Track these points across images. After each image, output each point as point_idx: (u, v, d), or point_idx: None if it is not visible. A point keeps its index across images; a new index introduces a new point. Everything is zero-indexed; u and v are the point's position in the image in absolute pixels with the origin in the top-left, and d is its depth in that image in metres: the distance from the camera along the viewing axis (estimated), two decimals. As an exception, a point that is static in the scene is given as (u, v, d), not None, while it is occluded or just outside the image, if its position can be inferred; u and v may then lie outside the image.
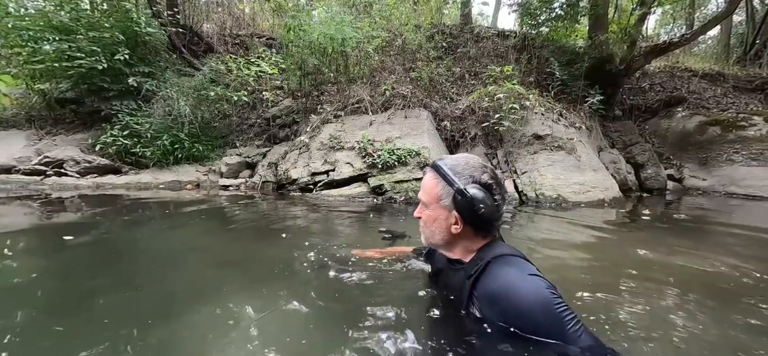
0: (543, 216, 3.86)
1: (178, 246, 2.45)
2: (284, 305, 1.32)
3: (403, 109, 5.60)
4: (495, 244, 1.06)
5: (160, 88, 6.10)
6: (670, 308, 1.47)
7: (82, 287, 1.61)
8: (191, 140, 6.05)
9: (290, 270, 1.78)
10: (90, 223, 2.98)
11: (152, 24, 6.55)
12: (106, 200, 4.22)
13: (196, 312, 1.30)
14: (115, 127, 5.85)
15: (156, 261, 2.07)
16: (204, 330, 1.18)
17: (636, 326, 1.26)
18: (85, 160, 5.58)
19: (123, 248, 2.32)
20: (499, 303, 0.91)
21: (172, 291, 1.58)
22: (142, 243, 2.46)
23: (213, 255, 2.18)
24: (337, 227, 3.04)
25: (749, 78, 9.03)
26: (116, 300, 1.44)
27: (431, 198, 1.08)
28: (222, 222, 3.27)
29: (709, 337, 1.23)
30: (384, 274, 1.58)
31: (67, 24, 5.84)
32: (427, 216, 1.11)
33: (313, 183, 4.85)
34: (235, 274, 1.80)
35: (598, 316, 1.31)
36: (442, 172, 1.05)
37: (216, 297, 1.42)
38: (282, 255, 2.09)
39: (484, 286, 0.96)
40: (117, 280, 1.69)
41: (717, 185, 6.74)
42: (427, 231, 1.13)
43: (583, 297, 1.50)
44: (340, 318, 1.23)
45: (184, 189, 5.29)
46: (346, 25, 5.58)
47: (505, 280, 0.92)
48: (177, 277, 1.77)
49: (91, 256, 2.09)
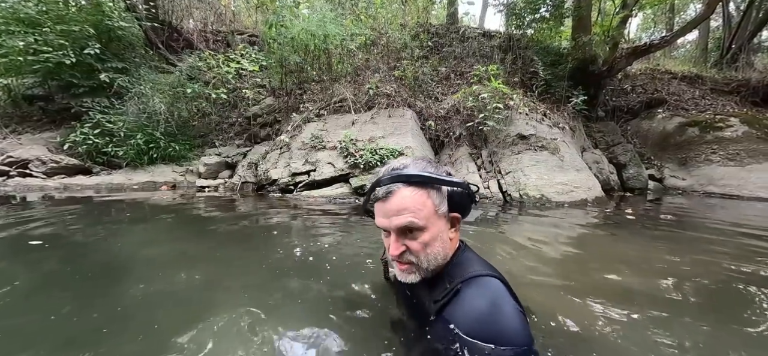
0: (527, 216, 3.82)
1: (146, 250, 2.29)
2: (256, 310, 1.26)
3: (387, 108, 5.51)
4: (462, 257, 0.94)
5: (133, 85, 5.84)
6: (650, 307, 1.46)
7: (42, 298, 1.47)
8: (167, 139, 5.82)
9: (263, 275, 1.70)
10: (54, 227, 2.77)
11: (126, 18, 6.27)
12: (74, 202, 3.98)
13: (165, 322, 1.23)
14: (85, 125, 5.58)
15: (122, 267, 1.91)
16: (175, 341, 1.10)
17: (616, 325, 1.26)
18: (53, 159, 5.29)
19: (85, 252, 2.15)
20: (467, 332, 0.79)
21: (141, 300, 1.45)
22: (107, 247, 2.28)
23: (174, 261, 2.04)
24: (316, 231, 2.91)
25: (726, 81, 9.29)
26: (79, 308, 1.34)
27: (427, 215, 0.86)
28: (194, 226, 3.11)
29: (690, 335, 1.24)
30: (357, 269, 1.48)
31: (34, 17, 5.54)
32: (425, 240, 0.87)
33: (293, 184, 4.71)
34: (204, 279, 1.68)
35: (582, 317, 1.29)
36: (423, 177, 0.86)
37: (185, 308, 1.34)
38: (253, 260, 1.97)
39: (460, 317, 0.82)
40: (83, 288, 1.56)
41: (696, 185, 6.87)
42: (428, 257, 0.88)
43: (566, 298, 1.49)
44: (314, 322, 1.17)
45: (159, 191, 5.07)
46: (329, 21, 5.45)
47: (490, 319, 0.78)
48: (147, 284, 1.64)
49: (53, 262, 1.92)
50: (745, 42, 10.75)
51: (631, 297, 1.59)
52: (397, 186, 0.86)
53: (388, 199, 0.86)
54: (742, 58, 10.22)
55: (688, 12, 17.90)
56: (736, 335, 1.27)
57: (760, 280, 1.83)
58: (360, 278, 1.56)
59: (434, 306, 0.87)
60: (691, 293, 1.65)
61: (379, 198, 0.89)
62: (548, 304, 1.40)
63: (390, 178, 0.86)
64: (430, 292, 0.93)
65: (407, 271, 0.91)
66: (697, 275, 1.93)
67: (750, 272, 1.96)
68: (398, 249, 0.87)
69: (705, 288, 1.76)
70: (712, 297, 1.65)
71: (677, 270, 2.02)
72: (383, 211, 0.88)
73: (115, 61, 6.05)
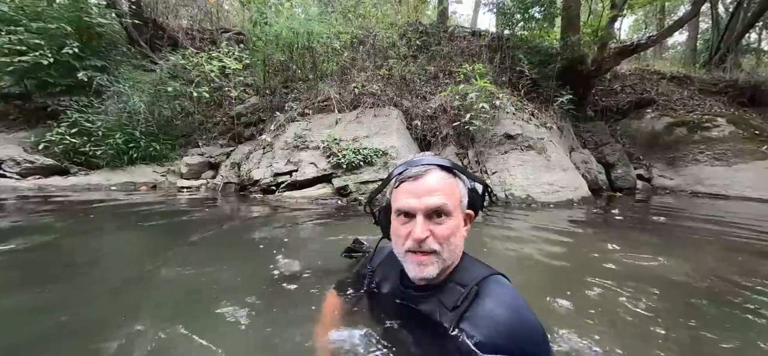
0: (511, 216, 3.76)
1: (114, 254, 2.19)
2: (239, 318, 1.22)
3: (372, 107, 5.43)
4: (466, 259, 0.94)
5: (113, 83, 5.69)
6: (628, 305, 1.47)
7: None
8: (148, 139, 5.67)
9: (235, 284, 1.62)
10: (25, 229, 2.64)
11: (106, 14, 6.11)
12: (48, 204, 3.83)
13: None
14: (62, 124, 5.40)
15: (85, 272, 1.81)
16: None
17: (598, 323, 1.28)
18: (27, 159, 5.12)
19: (55, 256, 2.03)
20: (503, 334, 0.77)
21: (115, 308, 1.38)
22: (76, 250, 2.18)
23: (146, 265, 1.93)
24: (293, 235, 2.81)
25: (714, 81, 9.35)
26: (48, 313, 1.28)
27: (455, 202, 0.86)
28: (170, 228, 2.98)
29: (670, 332, 1.26)
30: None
31: (9, 14, 5.36)
32: (451, 227, 0.85)
33: (275, 184, 4.60)
34: (177, 282, 1.63)
35: (565, 316, 1.32)
36: (454, 167, 0.90)
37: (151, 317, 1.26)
38: (230, 264, 1.89)
39: (483, 315, 0.80)
40: (52, 294, 1.47)
41: (683, 184, 6.88)
42: (450, 248, 0.86)
43: (549, 297, 1.48)
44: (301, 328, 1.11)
45: (138, 191, 4.93)
46: (313, 19, 5.35)
47: (513, 315, 0.79)
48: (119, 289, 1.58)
49: (23, 266, 1.81)
50: (733, 43, 10.84)
51: (610, 296, 1.57)
52: (431, 168, 0.86)
53: (420, 178, 0.85)
54: (730, 58, 10.30)
55: (678, 13, 18.11)
56: (716, 333, 1.28)
57: (735, 287, 1.80)
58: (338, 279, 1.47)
59: (453, 314, 0.82)
60: (673, 292, 1.67)
61: (409, 178, 0.86)
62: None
63: (425, 161, 0.88)
64: (439, 301, 0.87)
65: (427, 262, 0.85)
66: (677, 273, 1.93)
67: (730, 277, 1.93)
68: (425, 233, 0.83)
69: (686, 286, 1.76)
70: (691, 296, 1.65)
71: (659, 270, 2.01)
72: (413, 191, 0.85)
73: (95, 59, 5.88)
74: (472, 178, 0.93)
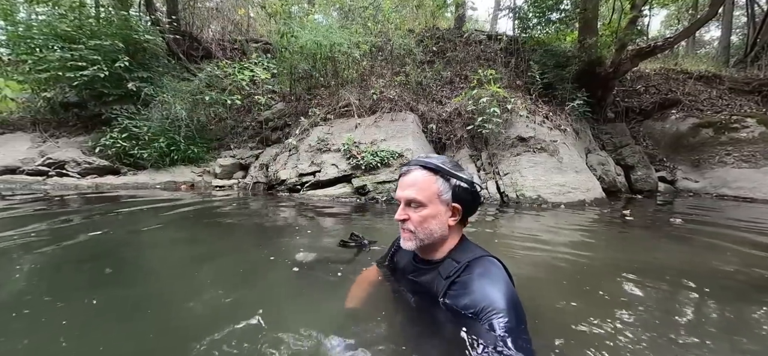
0: (521, 216, 3.94)
1: (168, 242, 2.60)
2: (263, 299, 1.46)
3: (390, 112, 5.74)
4: (466, 245, 1.14)
5: (157, 93, 6.34)
6: (633, 308, 1.47)
7: (75, 283, 1.68)
8: (187, 142, 6.27)
9: (268, 267, 1.92)
10: (87, 221, 3.15)
11: (151, 31, 6.80)
12: (104, 199, 4.42)
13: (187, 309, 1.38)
14: (114, 129, 6.10)
15: (147, 258, 2.19)
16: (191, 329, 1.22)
17: (591, 327, 1.28)
18: (86, 161, 5.83)
19: (114, 245, 2.43)
20: (472, 297, 0.97)
21: (161, 286, 1.70)
22: (134, 241, 2.56)
23: (196, 252, 2.32)
24: (318, 225, 3.17)
25: (746, 80, 8.96)
26: (110, 295, 1.51)
27: (430, 195, 1.07)
28: (212, 221, 3.42)
29: (675, 338, 1.24)
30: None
31: (70, 33, 6.12)
32: (424, 215, 1.07)
33: (300, 184, 5.01)
34: (215, 271, 1.85)
35: (554, 318, 1.36)
36: (437, 167, 1.08)
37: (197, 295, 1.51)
38: (261, 252, 2.21)
39: (464, 282, 1.01)
40: (111, 276, 1.75)
41: (709, 187, 6.72)
42: (424, 230, 1.08)
43: (540, 297, 1.53)
44: (320, 311, 1.37)
45: (179, 190, 5.49)
46: (334, 31, 5.75)
47: (490, 283, 0.98)
48: (164, 273, 1.93)
49: (84, 252, 2.18)
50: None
51: (613, 298, 1.58)
52: (415, 168, 1.10)
53: (405, 175, 1.12)
54: (765, 55, 9.81)
55: (712, 8, 17.18)
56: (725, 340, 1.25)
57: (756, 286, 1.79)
58: (357, 270, 1.70)
59: (445, 282, 1.05)
60: (681, 296, 1.66)
61: (402, 174, 1.14)
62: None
63: (414, 162, 1.12)
64: (438, 273, 1.09)
65: (407, 238, 1.13)
66: (687, 276, 1.88)
67: (748, 280, 1.91)
68: (401, 216, 1.11)
69: (697, 290, 1.69)
70: (702, 299, 1.60)
71: (659, 270, 2.02)
72: (400, 184, 1.13)
73: (141, 71, 6.58)
74: (454, 176, 1.08)
